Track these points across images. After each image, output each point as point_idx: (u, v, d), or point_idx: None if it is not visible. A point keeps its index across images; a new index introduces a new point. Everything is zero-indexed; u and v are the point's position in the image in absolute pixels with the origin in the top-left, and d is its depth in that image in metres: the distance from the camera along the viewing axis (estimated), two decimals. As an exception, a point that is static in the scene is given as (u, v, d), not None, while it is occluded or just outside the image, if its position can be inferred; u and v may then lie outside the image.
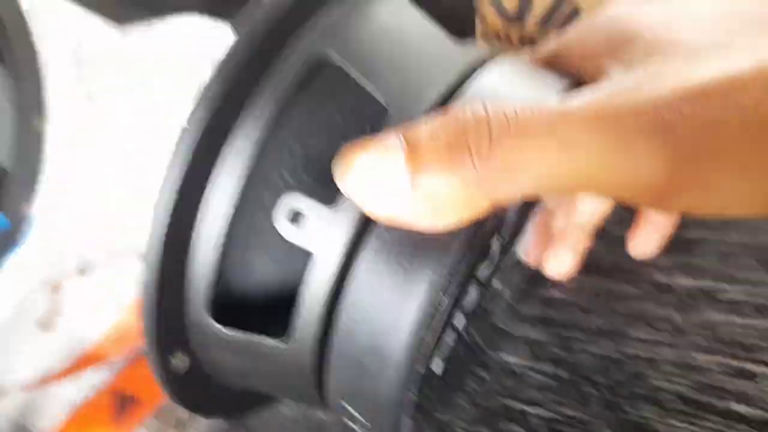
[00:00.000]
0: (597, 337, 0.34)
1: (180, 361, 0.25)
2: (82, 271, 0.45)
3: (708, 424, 0.30)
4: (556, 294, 0.37)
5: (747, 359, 0.31)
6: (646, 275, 0.35)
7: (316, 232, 0.22)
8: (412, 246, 0.20)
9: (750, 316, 0.32)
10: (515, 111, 0.18)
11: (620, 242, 0.36)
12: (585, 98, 0.18)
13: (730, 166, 0.17)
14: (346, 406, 0.23)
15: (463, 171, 0.18)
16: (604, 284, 0.36)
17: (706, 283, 0.34)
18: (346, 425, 0.24)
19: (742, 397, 0.30)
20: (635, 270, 0.36)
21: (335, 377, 0.23)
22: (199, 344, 0.25)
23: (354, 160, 0.19)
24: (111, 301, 0.44)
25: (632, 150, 0.17)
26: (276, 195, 0.23)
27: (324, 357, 0.23)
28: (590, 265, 0.36)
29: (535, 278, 0.37)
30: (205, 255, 0.24)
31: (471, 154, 0.17)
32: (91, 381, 0.42)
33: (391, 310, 0.21)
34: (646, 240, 0.34)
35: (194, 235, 0.24)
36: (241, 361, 0.25)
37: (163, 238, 0.22)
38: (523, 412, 0.33)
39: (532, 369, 0.35)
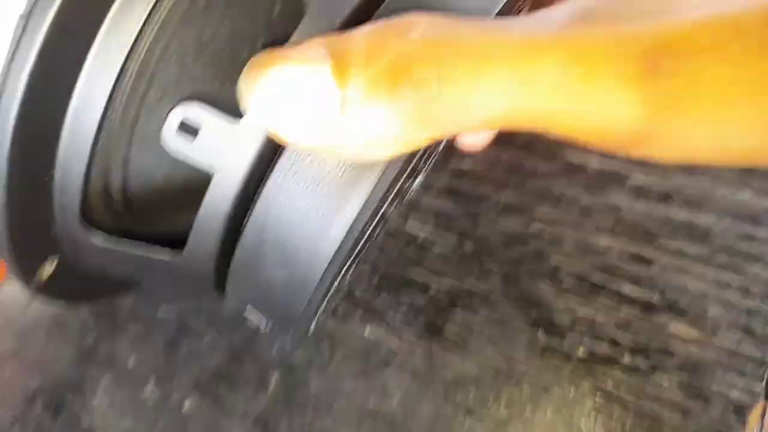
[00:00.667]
0: (504, 213, 0.34)
1: (48, 266, 0.22)
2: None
3: (599, 303, 0.31)
4: (467, 166, 0.36)
5: (646, 245, 0.32)
6: (560, 153, 0.35)
7: (213, 150, 0.19)
8: (332, 170, 0.19)
9: (655, 202, 0.33)
10: (471, 32, 0.15)
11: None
12: (556, 24, 0.15)
13: (712, 116, 0.15)
14: (252, 311, 0.23)
15: (404, 104, 0.15)
16: (517, 159, 0.35)
17: (618, 167, 0.34)
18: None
19: (635, 280, 0.31)
20: (550, 147, 0.35)
21: (239, 289, 0.22)
22: (73, 253, 0.23)
23: (265, 74, 0.16)
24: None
25: (610, 94, 0.14)
26: (166, 96, 0.21)
27: (224, 270, 0.22)
28: (504, 139, 0.35)
29: (448, 149, 0.35)
30: (76, 158, 0.20)
31: (415, 84, 0.15)
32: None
33: (306, 235, 0.20)
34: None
35: (62, 134, 0.20)
36: (126, 268, 0.24)
37: (11, 140, 0.19)
38: (424, 283, 0.33)
39: (436, 240, 0.34)
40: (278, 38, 0.19)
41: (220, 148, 0.20)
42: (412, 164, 0.20)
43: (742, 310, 0.30)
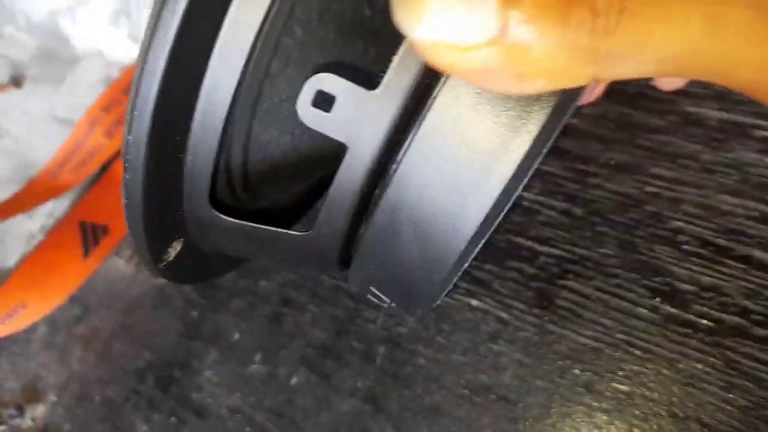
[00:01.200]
0: (615, 173, 0.32)
1: (173, 249, 0.22)
2: (16, 81, 0.39)
3: (725, 269, 0.29)
4: (572, 122, 0.33)
5: (776, 204, 0.29)
6: (675, 105, 0.32)
7: (349, 120, 0.18)
8: (470, 138, 0.18)
9: (785, 157, 0.30)
10: None
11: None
12: None
13: None
14: (376, 291, 0.21)
15: (576, 33, 0.13)
16: (627, 113, 0.33)
17: (740, 118, 0.31)
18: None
19: (765, 244, 0.29)
20: (662, 98, 0.32)
21: (365, 268, 0.22)
22: (199, 234, 0.23)
23: None
24: (51, 116, 0.38)
25: None
26: (290, 66, 0.20)
27: (352, 248, 0.21)
28: (613, 92, 0.33)
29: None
30: (206, 141, 0.20)
31: (592, 13, 0.13)
32: (51, 212, 0.38)
33: (445, 210, 0.19)
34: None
35: (194, 117, 0.19)
36: (250, 248, 0.24)
37: (151, 124, 0.18)
38: (532, 250, 0.32)
39: (543, 204, 0.33)
40: None
41: (355, 120, 0.19)
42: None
43: None
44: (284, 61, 0.21)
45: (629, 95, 0.33)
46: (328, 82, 0.18)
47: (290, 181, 0.25)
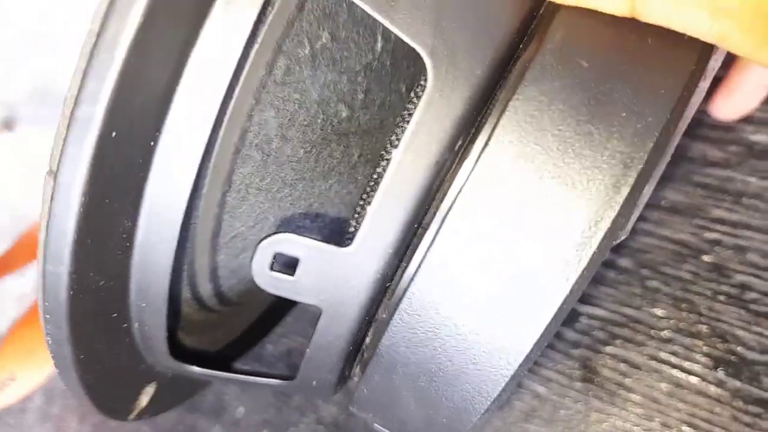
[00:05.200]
0: (669, 216, 0.28)
1: (146, 395, 0.20)
2: (8, 124, 0.36)
3: (804, 332, 0.25)
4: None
5: None
6: (736, 133, 0.28)
7: (319, 283, 0.16)
8: (476, 300, 0.16)
9: None
10: None
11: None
12: None
13: None
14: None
15: None
16: (681, 144, 0.29)
17: (819, 149, 0.26)
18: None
19: None
20: (722, 126, 0.28)
21: (366, 414, 0.20)
22: (171, 378, 0.22)
23: None
24: (44, 163, 0.36)
25: None
26: (259, 195, 0.19)
27: (353, 398, 0.20)
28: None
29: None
30: (153, 307, 0.18)
31: None
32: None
33: (456, 377, 0.17)
34: (740, 98, 0.26)
35: (129, 290, 0.18)
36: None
37: (69, 325, 0.16)
38: (572, 310, 0.28)
39: (582, 255, 0.29)
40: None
41: (327, 282, 0.16)
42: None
43: None
44: (243, 190, 0.18)
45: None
46: (287, 244, 0.16)
47: None
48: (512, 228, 0.15)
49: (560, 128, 0.15)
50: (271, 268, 0.16)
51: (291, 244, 0.16)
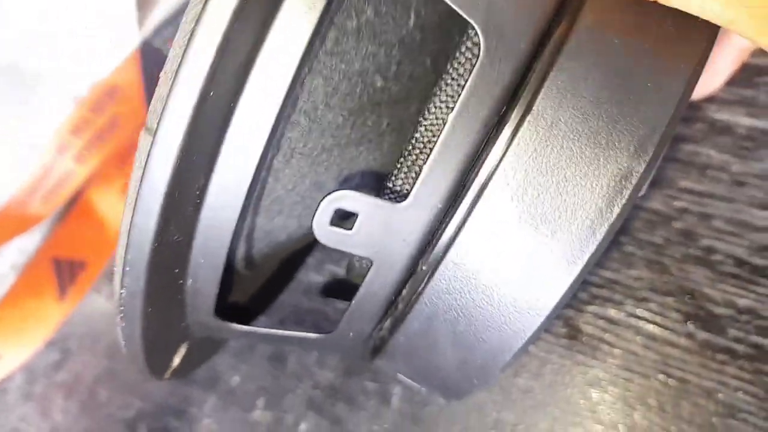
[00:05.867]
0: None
1: (178, 356, 0.21)
2: None
3: (761, 289, 0.28)
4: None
5: (813, 218, 0.28)
6: (701, 111, 0.31)
7: (375, 237, 0.18)
8: (517, 249, 0.18)
9: (820, 167, 0.29)
10: None
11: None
12: None
13: None
14: (405, 379, 0.22)
15: None
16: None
17: (772, 125, 0.30)
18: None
19: (804, 261, 0.28)
20: (689, 106, 0.31)
21: (395, 367, 0.22)
22: (207, 336, 0.23)
23: None
24: (16, 140, 0.35)
25: None
26: (302, 159, 0.20)
27: (378, 350, 0.21)
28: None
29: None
30: (209, 264, 0.19)
31: None
32: (22, 247, 0.35)
33: (489, 324, 0.19)
34: (708, 76, 0.29)
35: (192, 247, 0.19)
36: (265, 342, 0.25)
37: (147, 278, 0.17)
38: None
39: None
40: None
41: (382, 236, 0.18)
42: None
43: None
44: (288, 154, 0.19)
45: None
46: (347, 200, 0.17)
47: (294, 251, 0.24)
48: (550, 183, 0.17)
49: (596, 96, 0.17)
50: (331, 223, 0.18)
51: (352, 200, 0.17)
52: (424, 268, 0.19)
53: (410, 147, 0.21)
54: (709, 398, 0.28)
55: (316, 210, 0.17)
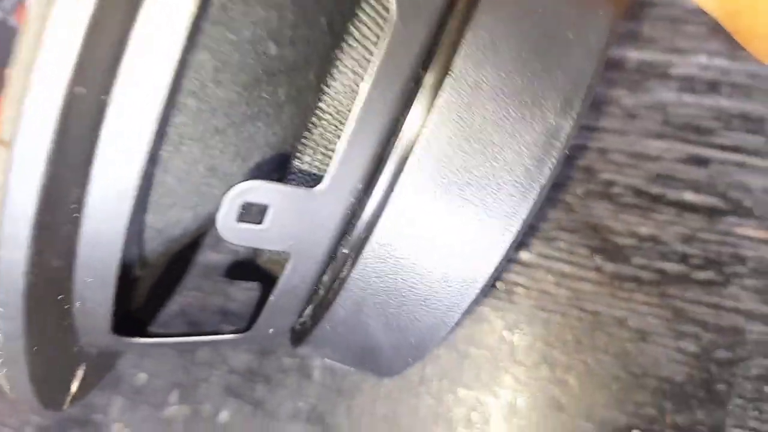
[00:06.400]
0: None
1: (76, 379, 0.19)
2: None
3: (660, 216, 0.29)
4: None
5: (700, 143, 0.30)
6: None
7: (289, 228, 0.16)
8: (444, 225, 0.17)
9: (703, 94, 0.30)
10: None
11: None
12: None
13: None
14: (332, 361, 0.20)
15: None
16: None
17: (656, 56, 0.30)
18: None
19: (694, 186, 0.29)
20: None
21: (323, 350, 0.21)
22: (94, 356, 0.21)
23: None
24: None
25: None
26: (193, 144, 0.18)
27: (301, 338, 0.20)
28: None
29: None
30: (99, 283, 0.17)
31: None
32: None
33: (421, 304, 0.18)
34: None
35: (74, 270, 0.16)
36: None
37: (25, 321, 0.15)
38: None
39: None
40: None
41: (297, 226, 0.16)
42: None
43: (806, 200, 0.29)
44: (176, 141, 0.17)
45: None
46: (254, 192, 0.15)
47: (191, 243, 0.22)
48: (476, 148, 0.16)
49: (517, 52, 0.16)
50: (238, 219, 0.16)
51: (260, 191, 0.15)
52: (345, 251, 0.17)
53: (315, 119, 0.19)
54: (621, 326, 0.29)
55: (219, 206, 0.15)
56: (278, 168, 0.20)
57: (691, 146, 0.30)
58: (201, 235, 0.29)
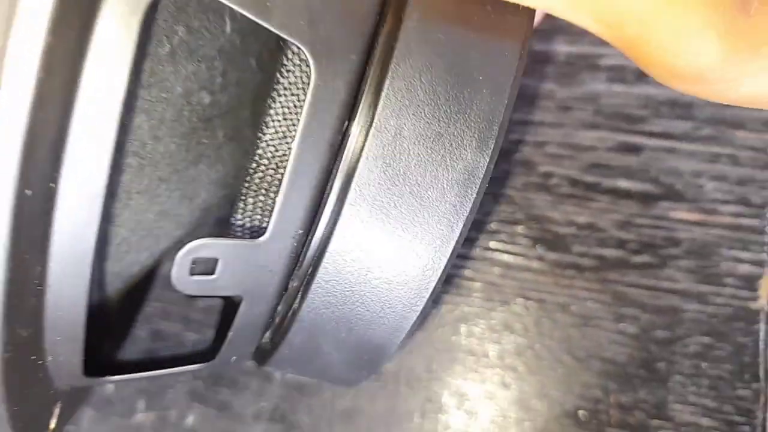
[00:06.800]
0: (477, 125, 0.32)
1: (54, 416, 0.20)
2: None
3: (595, 204, 0.31)
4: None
5: (631, 131, 0.31)
6: (521, 44, 0.32)
7: (239, 276, 0.18)
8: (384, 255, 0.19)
9: (632, 83, 0.31)
10: None
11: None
12: None
13: None
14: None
15: None
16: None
17: (586, 49, 0.31)
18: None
19: (627, 173, 0.31)
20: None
21: (284, 367, 0.23)
22: (68, 392, 0.22)
23: None
24: None
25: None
26: (143, 197, 0.19)
27: (262, 359, 0.22)
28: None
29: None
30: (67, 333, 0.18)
31: None
32: None
33: (370, 324, 0.20)
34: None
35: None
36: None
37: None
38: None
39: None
40: None
41: (246, 273, 0.18)
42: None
43: (734, 181, 0.30)
44: (124, 198, 0.18)
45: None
46: (204, 249, 0.17)
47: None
48: (403, 191, 0.18)
49: (432, 98, 0.17)
50: (191, 273, 0.17)
51: (209, 247, 0.17)
52: (295, 284, 0.19)
53: (254, 165, 0.21)
54: (564, 312, 0.30)
55: (173, 264, 0.17)
56: (223, 203, 0.22)
57: (622, 135, 0.31)
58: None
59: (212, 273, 0.18)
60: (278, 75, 0.19)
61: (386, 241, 0.18)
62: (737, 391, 0.29)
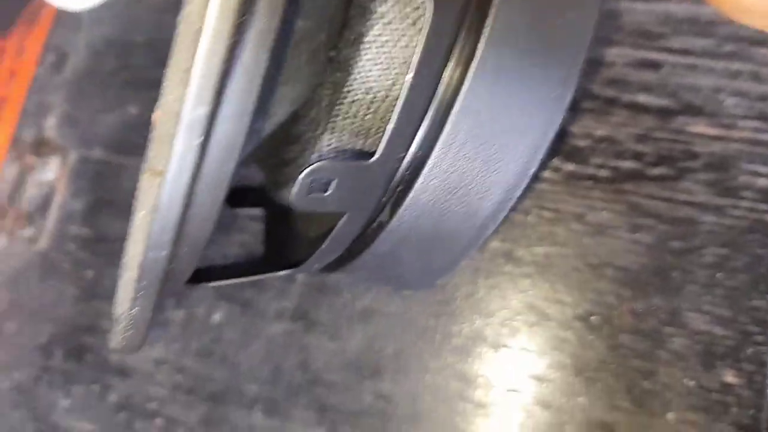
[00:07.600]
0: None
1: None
2: None
3: (614, 118, 0.31)
4: None
5: (651, 48, 0.31)
6: None
7: (348, 194, 0.20)
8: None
9: (652, 0, 0.31)
10: None
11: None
12: None
13: None
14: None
15: None
16: None
17: (608, -32, 0.32)
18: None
19: (646, 88, 0.31)
20: None
21: (358, 276, 0.27)
22: None
23: None
24: None
25: None
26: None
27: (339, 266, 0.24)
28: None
29: None
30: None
31: None
32: None
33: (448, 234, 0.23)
34: None
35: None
36: None
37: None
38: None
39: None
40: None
41: (354, 191, 0.20)
42: None
43: (755, 97, 0.30)
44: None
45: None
46: (323, 170, 0.19)
47: None
48: (501, 116, 0.21)
49: (528, 29, 0.20)
50: (308, 193, 0.20)
51: (326, 170, 0.19)
52: (388, 199, 0.22)
53: (343, 88, 0.22)
54: (580, 221, 0.31)
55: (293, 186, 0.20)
56: (289, 120, 0.24)
57: (642, 51, 0.31)
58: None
59: (324, 191, 0.20)
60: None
61: (478, 161, 0.21)
62: (753, 301, 0.29)
